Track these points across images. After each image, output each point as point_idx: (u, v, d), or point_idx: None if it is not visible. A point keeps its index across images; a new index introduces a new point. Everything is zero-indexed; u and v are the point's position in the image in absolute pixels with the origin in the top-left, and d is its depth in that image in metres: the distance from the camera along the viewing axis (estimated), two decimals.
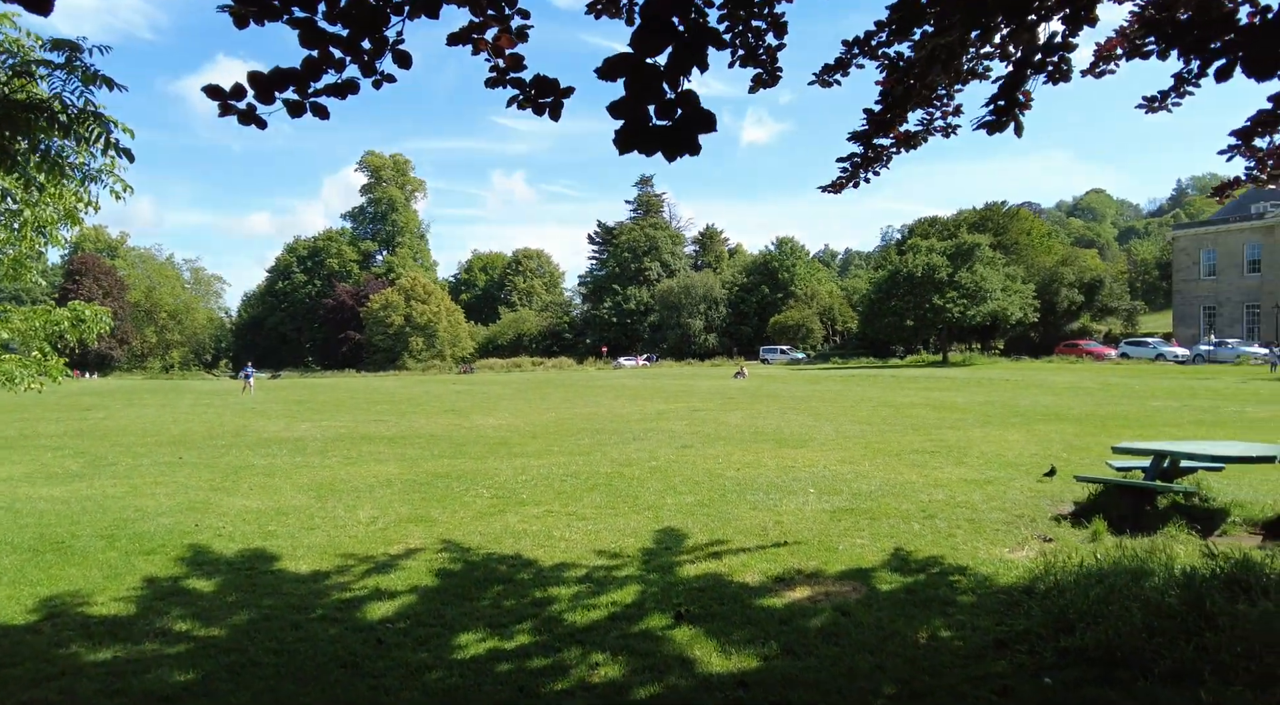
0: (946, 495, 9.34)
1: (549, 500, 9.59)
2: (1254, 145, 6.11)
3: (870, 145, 5.46)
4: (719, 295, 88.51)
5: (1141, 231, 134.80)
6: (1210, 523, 7.29)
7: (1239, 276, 55.51)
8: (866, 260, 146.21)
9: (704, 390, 33.08)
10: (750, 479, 10.75)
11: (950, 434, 15.58)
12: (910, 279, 55.65)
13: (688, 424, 18.80)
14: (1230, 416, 17.83)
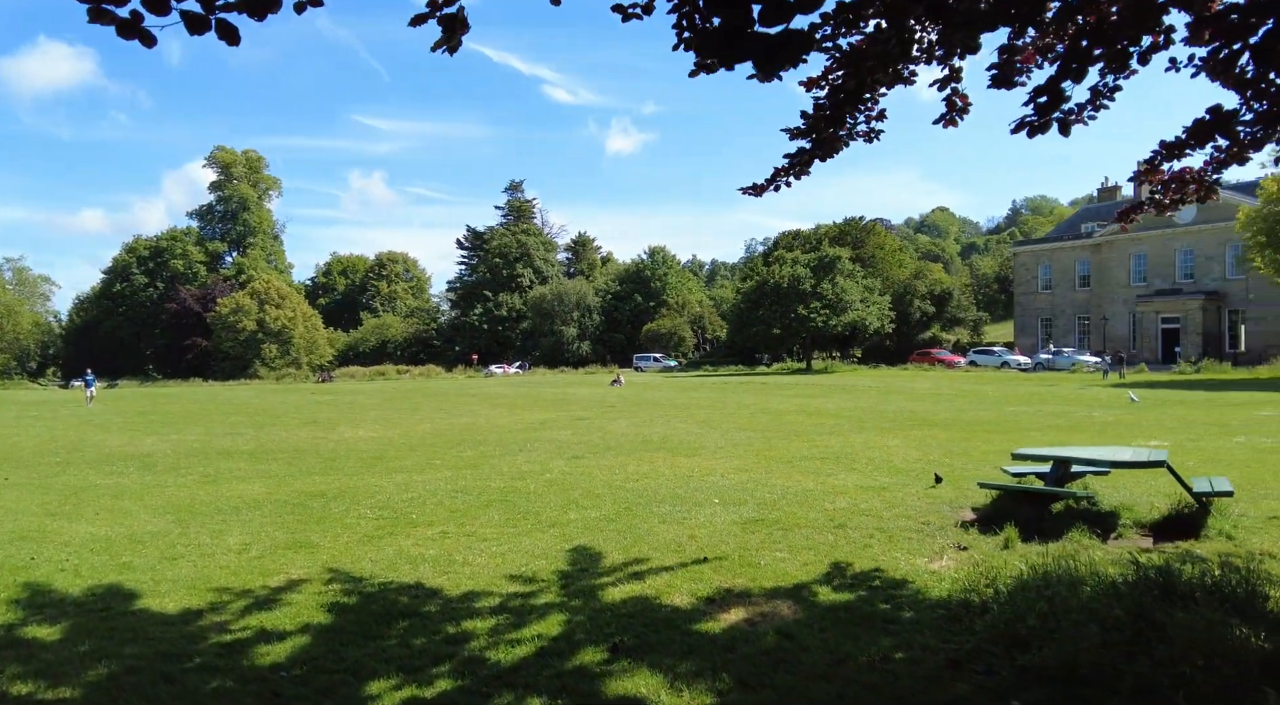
0: (849, 503, 9.33)
1: (442, 520, 8.92)
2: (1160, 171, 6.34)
3: (812, 146, 5.24)
4: (592, 303, 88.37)
5: (982, 248, 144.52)
6: (1106, 526, 7.53)
7: (1072, 290, 60.37)
8: (732, 271, 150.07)
9: (583, 398, 32.67)
10: (652, 490, 10.43)
11: (832, 440, 15.85)
12: (777, 289, 57.31)
13: (574, 433, 18.34)
14: (1082, 421, 19.07)
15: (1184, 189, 6.38)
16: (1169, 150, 6.03)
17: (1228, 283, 50.28)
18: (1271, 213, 33.66)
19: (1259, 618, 4.49)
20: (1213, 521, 7.24)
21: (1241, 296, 49.52)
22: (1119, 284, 56.38)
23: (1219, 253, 50.59)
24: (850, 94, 4.85)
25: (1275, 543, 6.91)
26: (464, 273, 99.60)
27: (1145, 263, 55.08)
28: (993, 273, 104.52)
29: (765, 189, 6.27)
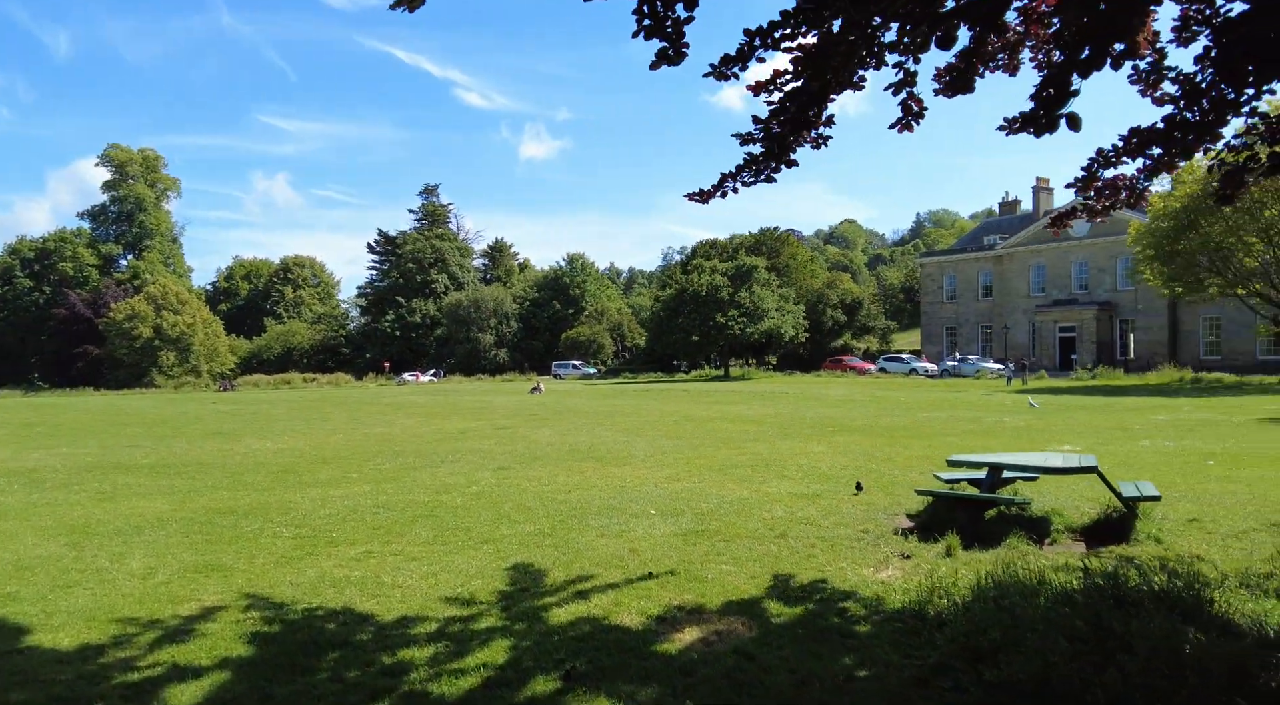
0: (786, 511, 9.26)
1: (365, 538, 8.42)
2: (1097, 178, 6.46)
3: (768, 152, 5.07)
4: (510, 310, 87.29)
5: (888, 259, 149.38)
6: (1040, 531, 7.64)
7: (975, 300, 62.86)
8: (649, 279, 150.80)
9: (503, 406, 32.05)
10: (585, 502, 10.14)
11: (760, 447, 15.87)
12: (696, 297, 57.75)
13: (497, 443, 17.86)
14: (994, 426, 19.68)
15: (1116, 195, 6.51)
16: (1105, 158, 6.14)
17: (1119, 293, 53.20)
18: (1159, 228, 35.70)
19: (1210, 623, 4.53)
20: (1141, 525, 7.42)
21: (1131, 306, 52.46)
22: (1019, 294, 58.97)
23: (1111, 265, 53.49)
24: (814, 96, 4.71)
25: (1200, 545, 7.12)
26: (375, 278, 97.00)
27: (1044, 274, 57.78)
28: (899, 283, 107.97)
29: (712, 195, 6.09)
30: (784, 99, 4.76)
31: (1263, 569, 6.04)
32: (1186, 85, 5.44)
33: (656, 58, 4.63)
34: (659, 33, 4.53)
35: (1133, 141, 5.89)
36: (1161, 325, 50.94)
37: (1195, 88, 5.44)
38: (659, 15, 4.42)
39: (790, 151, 5.01)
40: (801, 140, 4.92)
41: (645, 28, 4.49)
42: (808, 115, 4.76)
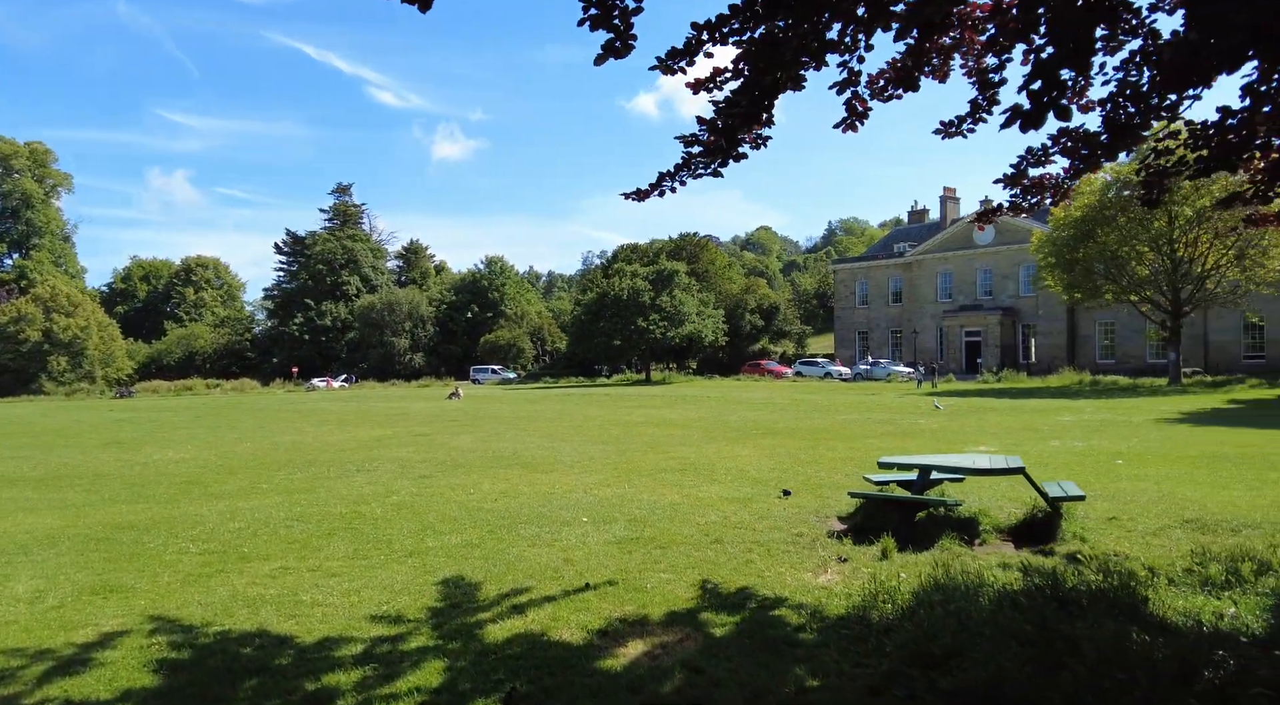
0: (719, 516, 9.17)
1: (280, 553, 7.93)
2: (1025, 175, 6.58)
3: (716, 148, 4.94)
4: (426, 313, 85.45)
5: (802, 265, 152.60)
6: (970, 532, 7.74)
7: (886, 305, 64.74)
8: (569, 283, 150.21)
9: (420, 412, 31.21)
10: (513, 510, 9.83)
11: (687, 451, 15.80)
12: (617, 302, 57.66)
13: (416, 450, 17.30)
14: (911, 428, 20.13)
15: (1042, 193, 6.65)
16: (1035, 156, 6.25)
17: (1021, 299, 55.55)
18: (1060, 237, 37.41)
19: (1149, 622, 4.60)
20: (1066, 525, 7.59)
21: (1032, 312, 54.85)
22: (928, 300, 60.96)
23: (1014, 272, 55.82)
24: (766, 89, 4.60)
25: (1123, 542, 7.33)
26: (283, 280, 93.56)
27: (950, 280, 59.87)
28: (813, 289, 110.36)
29: (649, 194, 5.97)
30: (736, 92, 4.62)
31: (1184, 565, 6.22)
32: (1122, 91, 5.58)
33: (603, 50, 4.44)
34: (605, 23, 4.35)
35: (1062, 141, 6.02)
36: (1061, 330, 53.42)
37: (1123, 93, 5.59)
38: (606, 4, 4.23)
39: (738, 146, 4.87)
40: (749, 134, 4.80)
41: (591, 17, 4.29)
42: (758, 110, 4.63)
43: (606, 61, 4.49)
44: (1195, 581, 5.62)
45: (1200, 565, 5.99)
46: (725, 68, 5.15)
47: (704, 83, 5.35)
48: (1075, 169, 6.30)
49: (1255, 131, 5.09)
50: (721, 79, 5.25)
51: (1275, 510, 8.43)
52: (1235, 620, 4.76)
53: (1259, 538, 7.08)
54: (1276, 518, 8.03)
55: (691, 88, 5.45)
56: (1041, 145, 6.10)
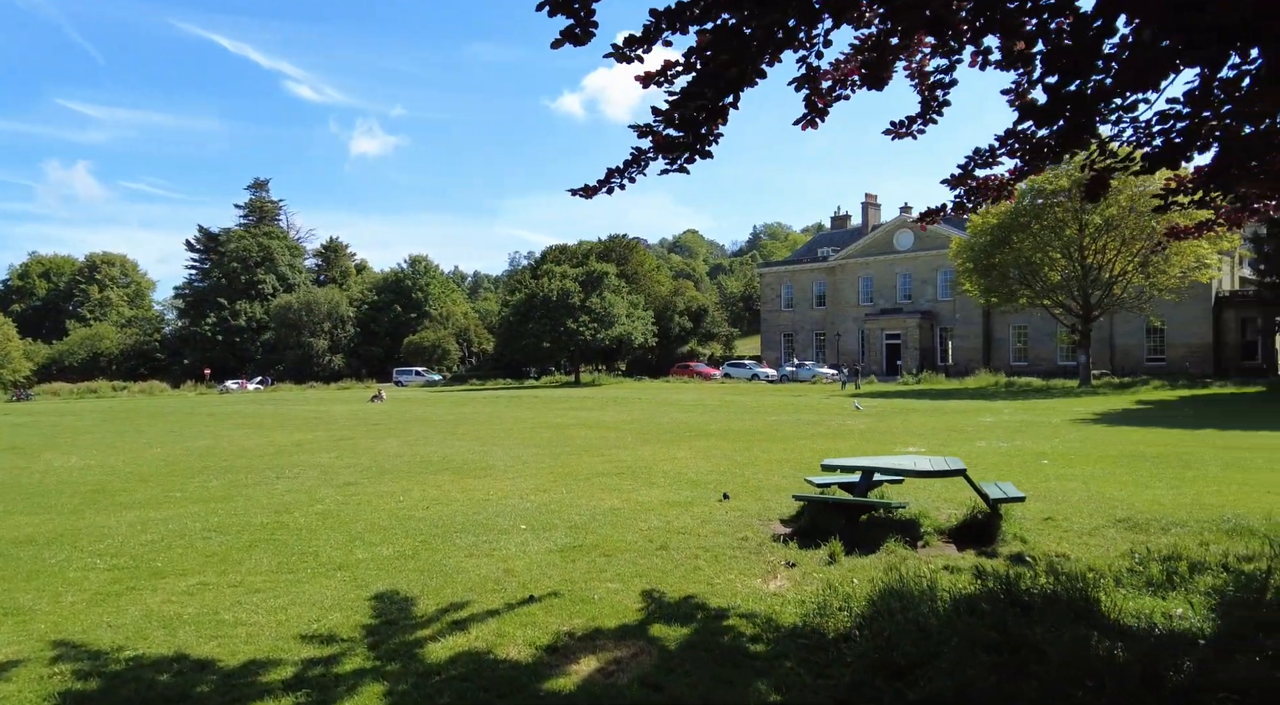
0: (661, 521, 9.00)
1: (197, 567, 7.41)
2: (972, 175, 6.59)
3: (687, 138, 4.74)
4: (346, 313, 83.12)
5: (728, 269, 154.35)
6: (912, 534, 7.74)
7: (810, 308, 65.85)
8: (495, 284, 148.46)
9: (342, 416, 30.20)
10: (446, 519, 9.45)
11: (622, 454, 15.61)
12: (546, 303, 57.11)
13: (338, 456, 16.63)
14: (840, 428, 20.37)
15: (987, 194, 6.68)
16: (982, 157, 6.27)
17: (939, 303, 57.21)
18: (978, 243, 38.62)
19: (1106, 626, 4.60)
20: (1005, 526, 7.66)
21: (950, 316, 56.55)
22: (850, 303, 62.25)
23: (932, 277, 57.47)
24: (731, 82, 4.42)
25: (1061, 543, 7.44)
26: (195, 278, 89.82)
27: (872, 285, 61.27)
28: (739, 291, 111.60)
29: (598, 191, 5.75)
30: (698, 83, 4.43)
31: (1124, 564, 6.33)
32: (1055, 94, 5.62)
33: (562, 35, 4.20)
34: (565, 8, 4.11)
35: (1010, 142, 6.04)
36: (977, 333, 55.21)
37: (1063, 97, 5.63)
38: None
39: (706, 142, 4.69)
40: (716, 127, 4.62)
41: (551, 1, 4.05)
42: (722, 102, 4.46)
43: (563, 46, 4.25)
44: (1140, 582, 5.69)
45: (1141, 565, 6.09)
46: (677, 61, 4.98)
47: (654, 76, 5.16)
48: (1020, 170, 6.35)
49: (1199, 132, 5.18)
50: (673, 73, 5.08)
51: (1198, 509, 8.72)
52: (1183, 621, 4.82)
53: (1188, 536, 7.27)
54: (1201, 516, 8.29)
55: (641, 81, 5.25)
56: (990, 146, 6.11)
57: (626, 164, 5.57)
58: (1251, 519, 7.89)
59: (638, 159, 5.51)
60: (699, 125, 4.50)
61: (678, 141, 5.27)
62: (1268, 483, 10.47)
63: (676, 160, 4.74)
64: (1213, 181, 5.57)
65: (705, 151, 4.71)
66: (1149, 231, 34.24)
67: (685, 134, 4.56)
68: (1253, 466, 11.95)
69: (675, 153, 4.69)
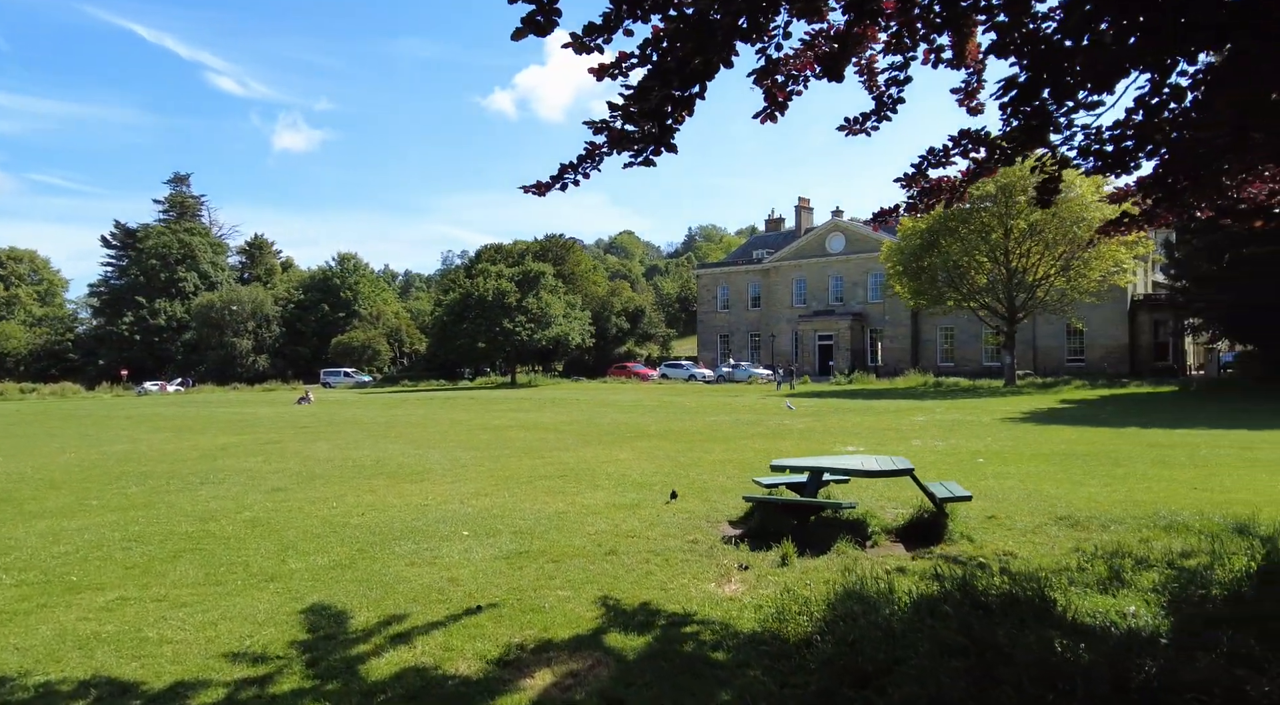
0: (609, 524, 8.82)
1: (117, 581, 6.94)
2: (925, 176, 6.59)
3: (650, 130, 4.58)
4: (272, 312, 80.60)
5: (664, 270, 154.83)
6: (861, 534, 7.73)
7: (745, 309, 66.51)
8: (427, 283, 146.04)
9: (268, 418, 29.16)
10: (384, 525, 9.09)
11: (564, 456, 15.38)
12: (482, 302, 56.32)
13: (266, 460, 15.98)
14: (779, 428, 20.50)
15: (939, 196, 6.70)
16: (935, 157, 6.26)
17: (870, 305, 58.38)
18: (908, 247, 39.51)
19: (1066, 627, 4.61)
20: (952, 525, 7.71)
21: (880, 318, 57.76)
22: (784, 305, 63.05)
23: (863, 280, 58.62)
24: (695, 73, 4.27)
25: (1007, 541, 7.51)
26: (111, 275, 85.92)
27: (805, 287, 62.16)
28: (675, 293, 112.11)
29: (550, 187, 5.56)
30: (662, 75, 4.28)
31: (1071, 562, 6.41)
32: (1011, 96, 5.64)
33: (523, 24, 3.99)
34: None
35: (963, 142, 6.05)
36: (906, 334, 56.53)
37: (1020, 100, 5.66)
38: None
39: (672, 135, 4.54)
40: (683, 119, 4.47)
41: None
42: (688, 93, 4.31)
43: (526, 37, 4.05)
44: (1090, 580, 5.76)
45: (1089, 563, 6.16)
46: (632, 53, 4.82)
47: (608, 68, 5.00)
48: (973, 172, 6.37)
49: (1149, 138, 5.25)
50: (628, 65, 4.92)
51: (1132, 506, 8.95)
52: (1136, 619, 4.86)
53: (1128, 533, 7.43)
54: (1136, 513, 8.51)
55: (595, 73, 5.09)
56: (943, 146, 6.12)
57: (580, 159, 5.40)
58: (1184, 515, 8.12)
59: (591, 154, 5.34)
60: (665, 117, 4.33)
61: (633, 135, 5.12)
62: (1192, 479, 10.85)
63: (641, 152, 4.57)
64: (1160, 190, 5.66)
65: (670, 144, 4.55)
66: (1070, 236, 35.52)
67: (650, 125, 4.39)
68: (1177, 463, 12.38)
69: (640, 145, 4.52)
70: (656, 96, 4.32)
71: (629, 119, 4.84)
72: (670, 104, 4.31)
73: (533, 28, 3.95)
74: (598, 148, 5.27)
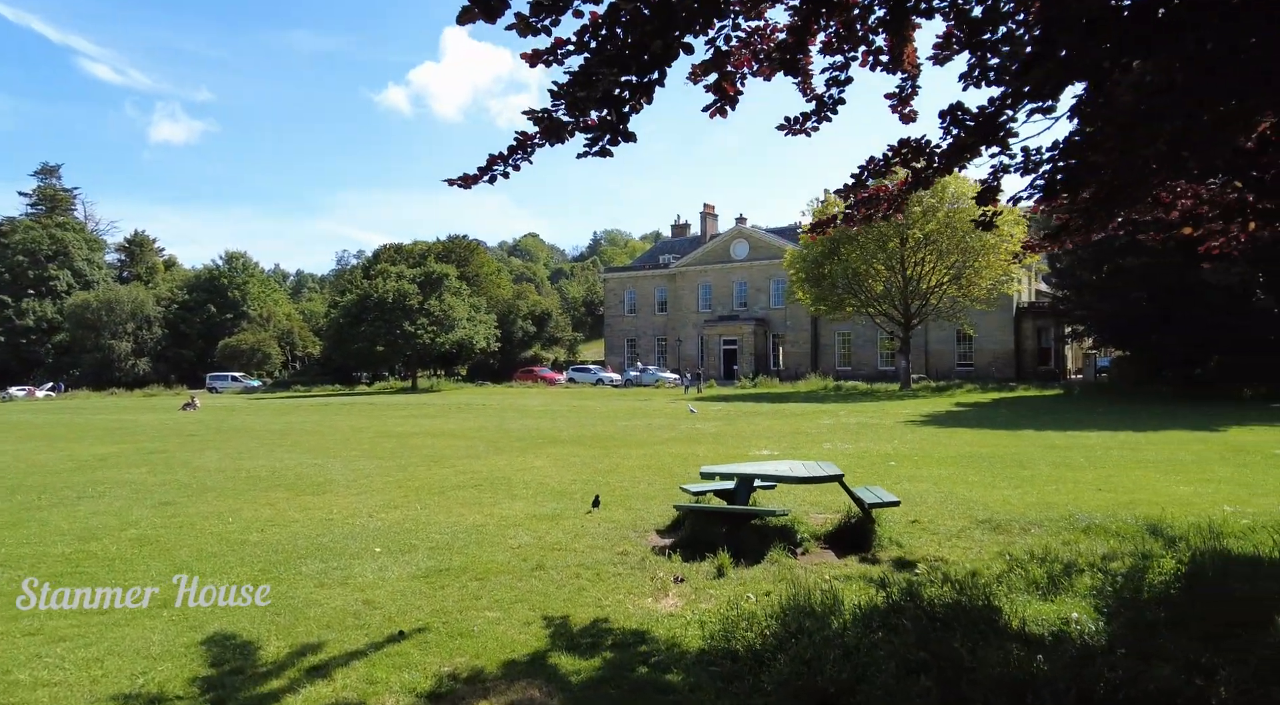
0: (532, 537, 8.47)
1: None
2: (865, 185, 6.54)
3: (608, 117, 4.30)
4: (153, 313, 75.98)
5: (569, 273, 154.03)
6: (791, 541, 7.64)
7: (652, 314, 66.76)
8: (321, 284, 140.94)
9: (151, 426, 27.30)
10: (287, 543, 8.47)
11: (476, 464, 14.86)
12: (381, 304, 54.57)
13: (150, 471, 14.84)
14: (693, 432, 20.44)
15: (877, 207, 6.67)
16: (875, 167, 6.21)
17: (772, 311, 59.55)
18: (810, 254, 40.40)
19: (1018, 637, 4.58)
20: (880, 530, 7.71)
21: (781, 323, 58.99)
22: (690, 310, 63.63)
23: (766, 285, 59.74)
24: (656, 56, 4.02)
25: (933, 546, 7.55)
26: None
27: (711, 292, 62.89)
28: (582, 297, 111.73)
29: (477, 179, 5.25)
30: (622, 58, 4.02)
31: (999, 568, 6.46)
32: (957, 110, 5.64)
33: (471, 4, 3.66)
34: None
35: (903, 151, 6.02)
36: (806, 339, 57.92)
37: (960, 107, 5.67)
38: None
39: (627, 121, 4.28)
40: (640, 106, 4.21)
41: None
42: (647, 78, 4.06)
43: (474, 21, 3.72)
44: (1026, 584, 5.79)
45: (1023, 568, 6.22)
46: (568, 39, 4.56)
47: (543, 54, 4.73)
48: (911, 182, 6.35)
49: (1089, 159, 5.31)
50: (563, 52, 4.66)
51: (1046, 508, 9.20)
52: (1079, 625, 4.89)
53: (1049, 536, 7.60)
54: (1051, 514, 8.73)
55: (528, 59, 4.82)
56: (883, 155, 6.07)
57: (510, 150, 5.11)
58: (1098, 517, 8.36)
59: (523, 145, 5.06)
60: (622, 103, 4.07)
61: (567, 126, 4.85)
62: (1095, 480, 11.29)
63: (598, 141, 4.29)
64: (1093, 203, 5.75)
65: (628, 132, 4.28)
66: (963, 246, 37.05)
67: (607, 112, 4.12)
68: (1077, 465, 12.90)
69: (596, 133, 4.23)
70: (604, 83, 4.06)
71: (576, 107, 4.57)
72: (627, 90, 4.05)
73: (483, 10, 3.62)
74: (529, 138, 5.00)
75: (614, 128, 4.24)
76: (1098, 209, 5.57)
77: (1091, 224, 5.83)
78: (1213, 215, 5.66)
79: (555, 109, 4.78)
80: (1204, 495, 9.96)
